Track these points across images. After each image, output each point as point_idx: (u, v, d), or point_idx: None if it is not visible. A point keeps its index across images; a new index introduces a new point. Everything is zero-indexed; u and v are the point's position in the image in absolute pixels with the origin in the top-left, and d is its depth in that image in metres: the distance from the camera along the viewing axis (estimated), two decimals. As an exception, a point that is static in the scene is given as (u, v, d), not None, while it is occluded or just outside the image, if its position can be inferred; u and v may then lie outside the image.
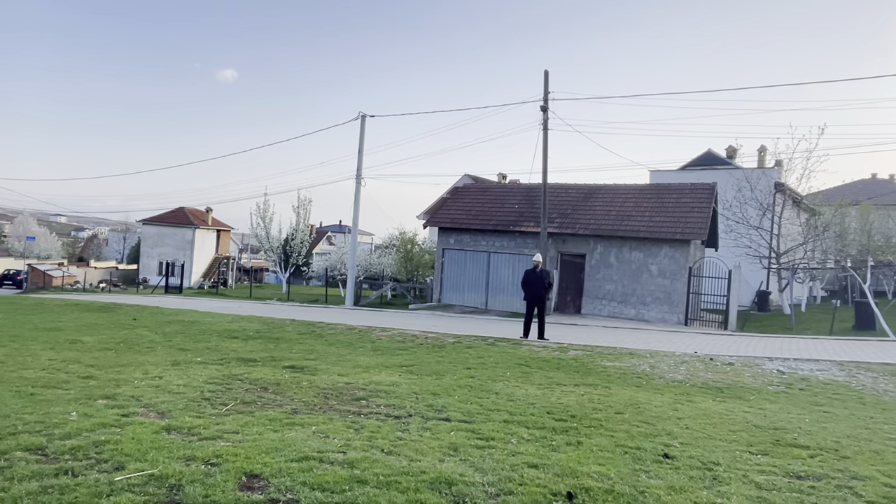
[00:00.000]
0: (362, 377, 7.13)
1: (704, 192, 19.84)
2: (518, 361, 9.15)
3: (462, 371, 7.98)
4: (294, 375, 7.14)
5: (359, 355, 9.32)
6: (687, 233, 18.28)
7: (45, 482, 3.42)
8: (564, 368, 8.67)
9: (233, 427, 4.63)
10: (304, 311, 19.62)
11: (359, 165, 23.93)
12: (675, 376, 8.35)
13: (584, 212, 20.67)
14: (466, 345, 10.99)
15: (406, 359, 9.06)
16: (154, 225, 48.00)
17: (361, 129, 23.96)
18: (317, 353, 9.45)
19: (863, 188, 35.15)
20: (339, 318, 15.83)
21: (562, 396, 6.48)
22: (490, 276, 21.92)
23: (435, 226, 24.22)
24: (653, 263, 18.91)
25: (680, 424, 5.43)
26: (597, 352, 10.57)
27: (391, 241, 38.73)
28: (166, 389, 6.01)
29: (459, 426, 4.96)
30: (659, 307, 18.69)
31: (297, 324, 14.12)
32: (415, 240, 32.10)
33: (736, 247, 23.14)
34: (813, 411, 6.39)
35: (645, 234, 18.80)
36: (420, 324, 14.85)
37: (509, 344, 11.36)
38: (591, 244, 19.93)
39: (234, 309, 18.91)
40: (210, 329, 12.49)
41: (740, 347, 11.81)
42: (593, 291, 19.87)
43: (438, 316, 18.52)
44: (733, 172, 25.61)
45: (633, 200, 20.48)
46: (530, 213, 21.51)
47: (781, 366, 9.43)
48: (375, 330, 13.03)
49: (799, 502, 3.66)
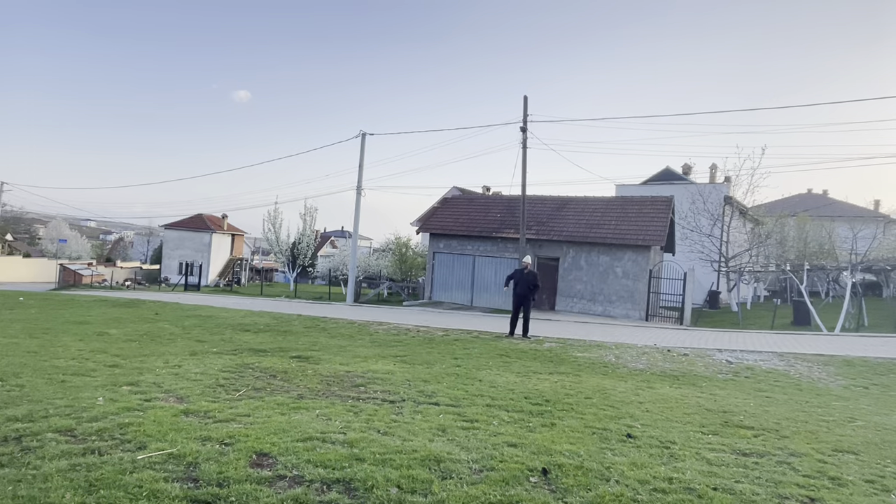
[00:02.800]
0: (361, 366, 7.09)
1: (663, 203, 20.02)
2: (499, 352, 9.14)
3: (450, 361, 7.97)
4: (300, 364, 7.09)
5: (358, 347, 9.27)
6: (648, 239, 18.43)
7: (74, 461, 3.36)
8: (540, 359, 8.69)
9: (245, 411, 4.58)
10: (309, 307, 19.56)
11: (359, 178, 23.87)
12: (637, 365, 8.39)
13: (558, 220, 20.78)
14: (454, 338, 10.99)
15: (400, 350, 9.03)
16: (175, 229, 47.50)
17: (362, 146, 23.92)
18: (320, 344, 9.40)
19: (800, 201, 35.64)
20: (341, 314, 15.79)
21: (538, 383, 6.49)
22: (475, 276, 21.95)
23: (427, 232, 24.23)
24: (618, 266, 19.03)
25: (641, 408, 5.45)
26: (569, 344, 10.59)
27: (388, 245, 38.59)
28: (185, 377, 5.94)
29: (447, 410, 4.95)
30: (623, 305, 18.80)
31: (303, 318, 14.07)
32: (409, 244, 32.08)
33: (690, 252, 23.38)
34: (757, 396, 6.45)
35: (611, 240, 18.92)
36: (413, 319, 14.85)
37: (492, 337, 11.37)
38: (564, 249, 20.02)
39: (246, 305, 18.79)
40: (225, 323, 12.39)
41: (694, 340, 11.92)
42: (566, 291, 19.95)
43: (429, 312, 18.55)
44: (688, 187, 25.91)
45: (601, 211, 20.62)
46: (511, 221, 21.57)
47: (730, 356, 9.51)
48: (373, 324, 13.00)
49: (744, 476, 3.69)
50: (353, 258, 24.99)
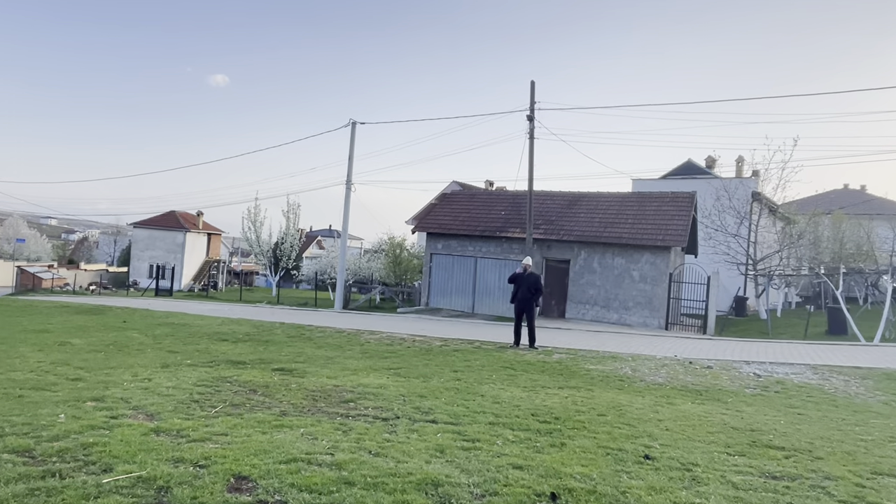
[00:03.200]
0: (350, 379, 7.09)
1: (685, 200, 20.04)
2: (504, 364, 9.15)
3: (449, 374, 7.97)
4: (283, 378, 7.09)
5: (347, 358, 9.28)
6: (668, 240, 18.45)
7: (32, 484, 3.34)
8: (549, 371, 8.69)
9: (222, 429, 4.58)
10: (293, 314, 19.52)
11: (349, 171, 23.88)
12: (655, 379, 8.40)
13: (569, 219, 20.79)
14: (453, 348, 10.98)
15: (394, 362, 9.03)
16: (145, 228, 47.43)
17: (352, 135, 23.93)
18: (305, 355, 9.40)
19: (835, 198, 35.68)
20: (328, 322, 15.78)
21: (546, 399, 6.49)
22: (477, 280, 21.95)
23: (423, 231, 24.21)
24: (635, 269, 19.05)
25: (660, 426, 5.46)
26: (580, 355, 10.59)
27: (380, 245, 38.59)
28: (155, 392, 5.93)
29: (446, 428, 4.95)
30: (640, 312, 18.82)
31: (286, 327, 14.05)
32: (403, 245, 32.07)
33: (714, 253, 23.39)
34: (788, 413, 6.45)
35: (627, 240, 18.94)
36: (408, 327, 14.84)
37: (495, 347, 11.36)
38: (576, 250, 20.04)
39: (223, 312, 18.76)
40: (200, 332, 12.37)
41: (718, 351, 11.91)
42: (577, 296, 19.97)
43: (426, 320, 18.52)
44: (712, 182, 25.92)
45: (616, 208, 20.62)
46: (516, 219, 21.58)
47: (758, 369, 9.51)
48: (364, 333, 12.99)
49: (774, 502, 3.68)
50: (342, 260, 24.99)
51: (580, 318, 19.74)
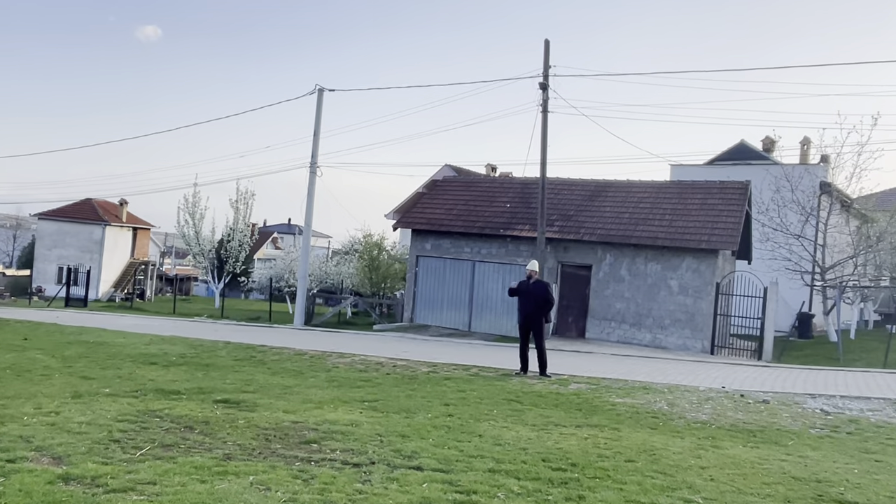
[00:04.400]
0: (314, 414, 7.11)
1: (736, 191, 20.15)
2: (507, 396, 9.17)
3: (438, 408, 8.01)
4: (228, 412, 7.10)
5: (310, 387, 9.31)
6: (714, 241, 18.55)
7: None
8: (564, 405, 8.72)
9: (149, 476, 4.56)
10: (241, 331, 19.47)
11: (314, 151, 23.84)
12: (697, 416, 8.46)
13: (591, 213, 20.86)
14: (444, 375, 11.01)
15: (369, 392, 9.06)
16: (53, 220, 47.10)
17: (318, 106, 23.89)
18: (257, 383, 9.43)
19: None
20: (286, 341, 15.81)
21: (560, 440, 6.52)
22: (475, 290, 21.97)
23: (407, 227, 24.17)
24: (672, 278, 19.14)
25: (703, 475, 5.48)
26: (604, 385, 10.64)
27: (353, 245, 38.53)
28: (65, 428, 5.89)
29: (434, 476, 4.94)
30: (679, 331, 18.91)
31: (232, 347, 14.08)
32: (382, 244, 32.11)
33: (773, 259, 23.49)
34: (863, 460, 6.49)
35: (664, 241, 19.03)
36: (387, 349, 14.87)
37: (497, 375, 11.39)
38: (599, 253, 20.09)
39: (153, 327, 18.76)
40: (122, 352, 12.37)
41: (777, 381, 11.99)
42: (600, 311, 20.02)
43: (410, 339, 18.52)
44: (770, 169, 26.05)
45: (651, 200, 20.72)
46: (525, 213, 21.63)
47: (826, 404, 9.57)
48: (331, 356, 13.05)
49: (845, 571, 3.71)
50: (305, 263, 24.94)
51: (604, 338, 19.79)
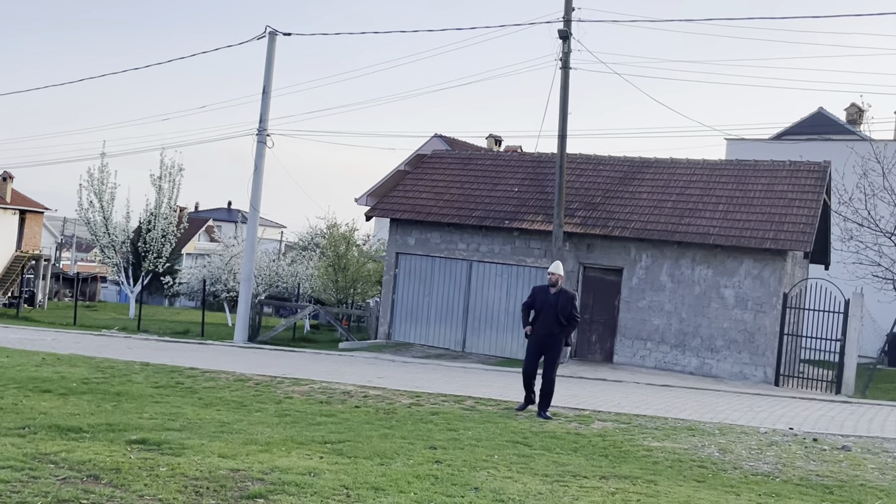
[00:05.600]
0: (259, 460, 7.04)
1: (811, 175, 20.15)
2: (512, 438, 9.16)
3: (422, 452, 7.96)
4: (145, 456, 6.98)
5: (255, 423, 9.28)
6: (783, 239, 18.52)
7: None
8: (585, 450, 8.72)
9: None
10: (165, 348, 19.44)
11: (263, 113, 23.72)
12: (757, 466, 8.48)
13: (623, 201, 20.83)
14: (431, 409, 11.03)
15: (332, 430, 9.05)
16: None
17: (269, 54, 23.79)
18: (185, 418, 9.36)
19: None
20: (224, 363, 15.81)
21: (580, 495, 6.49)
22: (472, 298, 21.96)
23: (385, 216, 24.14)
24: (727, 286, 19.09)
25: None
26: (636, 424, 10.69)
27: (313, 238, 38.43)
28: (-83, 479, 5.74)
29: (418, 548, 4.80)
30: (735, 355, 18.87)
31: (152, 370, 14.04)
32: (352, 238, 32.18)
33: (857, 263, 23.42)
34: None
35: (717, 238, 19.00)
36: (357, 374, 14.89)
37: (499, 409, 11.38)
38: (633, 253, 20.05)
39: (46, 343, 18.67)
40: (4, 376, 12.27)
41: (860, 422, 11.98)
42: (633, 328, 19.98)
43: (387, 362, 18.51)
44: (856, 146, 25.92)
45: (701, 185, 20.72)
46: (538, 200, 21.60)
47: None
48: (284, 382, 13.06)
49: None
50: (250, 260, 24.84)
51: (638, 363, 19.76)
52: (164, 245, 43.36)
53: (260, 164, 23.69)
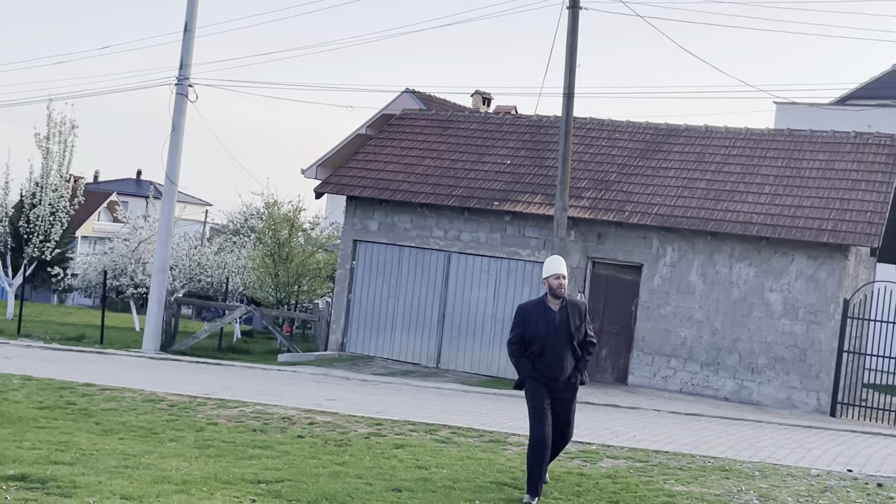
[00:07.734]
0: (174, 502, 7.01)
1: (883, 150, 20.28)
2: (497, 478, 9.21)
3: (383, 495, 7.99)
4: (25, 497, 6.97)
5: (168, 457, 9.24)
6: (844, 231, 18.62)
7: None
8: (591, 494, 8.77)
9: None
10: (53, 358, 19.37)
11: (184, 57, 23.65)
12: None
13: (644, 179, 20.97)
14: (395, 441, 11.03)
15: (268, 467, 9.06)
16: None
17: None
18: (77, 449, 9.30)
19: None
20: (130, 378, 15.78)
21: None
22: (449, 299, 22.06)
23: (340, 193, 24.23)
24: (773, 289, 19.21)
25: None
26: (655, 463, 10.71)
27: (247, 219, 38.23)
28: None
29: None
30: (782, 377, 18.99)
31: (36, 386, 13.99)
32: (297, 220, 32.31)
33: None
34: None
35: (762, 229, 19.10)
36: (301, 394, 14.93)
37: (481, 441, 11.38)
38: (655, 245, 20.16)
39: None
40: None
41: (938, 463, 12.04)
42: (654, 341, 20.10)
43: (340, 379, 18.51)
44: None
45: (742, 161, 20.87)
46: (536, 175, 21.70)
47: None
48: (207, 404, 13.07)
49: None
50: (165, 247, 24.80)
51: (658, 385, 19.89)
52: (53, 225, 42.79)
53: (179, 122, 23.61)
